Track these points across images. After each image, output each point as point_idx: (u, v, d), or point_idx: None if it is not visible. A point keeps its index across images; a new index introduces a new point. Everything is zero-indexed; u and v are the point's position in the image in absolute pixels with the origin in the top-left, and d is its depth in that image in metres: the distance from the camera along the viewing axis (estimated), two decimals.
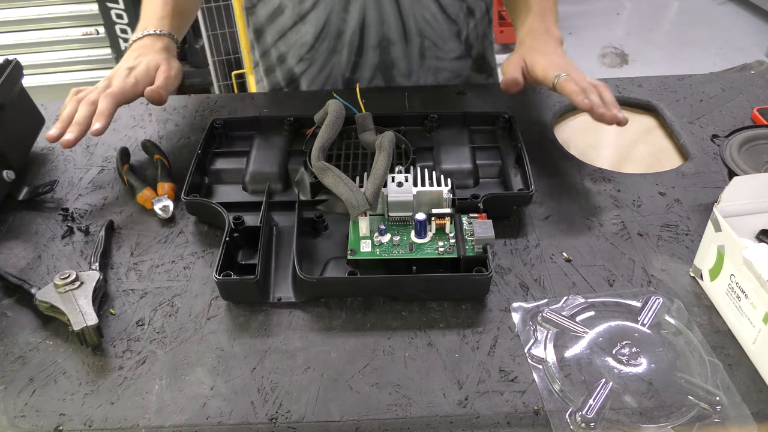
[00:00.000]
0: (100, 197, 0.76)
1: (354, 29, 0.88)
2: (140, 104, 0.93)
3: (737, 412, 0.51)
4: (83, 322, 0.57)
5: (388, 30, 0.89)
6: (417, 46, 0.91)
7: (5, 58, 0.79)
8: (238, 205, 0.71)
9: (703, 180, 0.75)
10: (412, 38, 0.90)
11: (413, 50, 0.92)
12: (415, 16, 0.88)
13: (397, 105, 0.90)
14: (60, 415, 0.53)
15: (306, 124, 0.82)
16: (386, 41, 0.90)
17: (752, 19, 3.22)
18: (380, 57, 0.92)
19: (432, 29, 0.91)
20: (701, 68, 2.73)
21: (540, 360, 0.56)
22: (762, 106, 0.86)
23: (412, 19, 0.88)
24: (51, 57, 2.20)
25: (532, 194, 0.69)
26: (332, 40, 0.90)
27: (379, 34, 0.89)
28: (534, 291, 0.62)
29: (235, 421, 0.52)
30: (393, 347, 0.57)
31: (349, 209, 0.63)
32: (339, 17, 0.87)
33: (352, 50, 0.91)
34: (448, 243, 0.63)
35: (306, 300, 0.62)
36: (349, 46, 0.90)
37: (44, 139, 0.86)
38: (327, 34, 0.89)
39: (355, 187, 0.64)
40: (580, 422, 0.51)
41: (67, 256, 0.68)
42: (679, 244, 0.67)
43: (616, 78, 0.96)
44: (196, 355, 0.57)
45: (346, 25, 0.88)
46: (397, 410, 0.52)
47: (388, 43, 0.90)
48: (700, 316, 0.59)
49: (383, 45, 0.90)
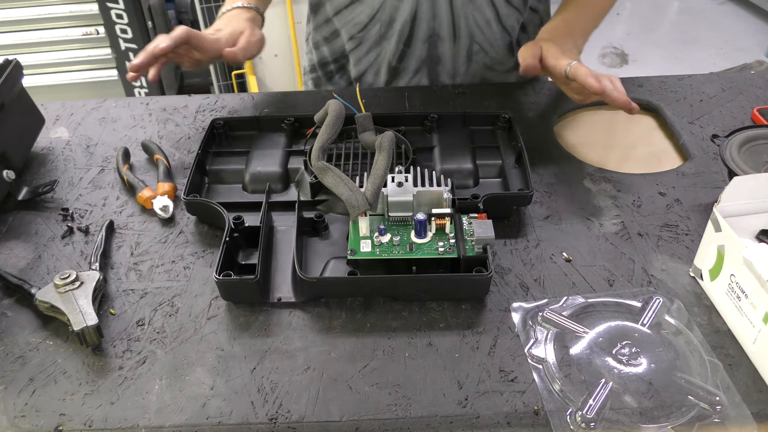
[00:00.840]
0: (100, 197, 0.76)
1: (406, 19, 0.89)
2: (140, 104, 0.93)
3: (737, 412, 0.51)
4: (83, 322, 0.57)
5: (438, 25, 0.90)
6: (465, 47, 0.92)
7: (5, 58, 0.79)
8: (238, 205, 0.71)
9: (703, 180, 0.75)
10: (461, 38, 0.91)
11: (461, 51, 0.93)
12: (466, 17, 0.89)
13: (397, 105, 0.90)
14: (60, 415, 0.53)
15: (306, 124, 0.82)
16: (435, 36, 0.91)
17: (752, 19, 3.22)
18: (428, 51, 0.93)
19: (483, 34, 0.92)
20: (701, 68, 2.73)
21: (540, 360, 0.56)
22: (762, 106, 0.86)
23: (462, 19, 0.89)
24: (51, 57, 2.19)
25: (532, 194, 0.69)
26: (384, 25, 0.91)
27: (430, 29, 0.90)
28: (534, 291, 0.62)
29: (235, 421, 0.52)
30: (393, 347, 0.57)
31: (349, 209, 0.63)
32: (393, 4, 0.89)
33: (401, 39, 0.91)
34: (448, 243, 0.63)
35: (306, 300, 0.62)
36: (399, 34, 0.91)
37: (44, 139, 0.86)
38: (379, 19, 0.91)
39: (355, 187, 0.64)
40: (580, 422, 0.51)
41: (67, 256, 0.68)
42: (679, 244, 0.67)
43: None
44: (196, 355, 0.57)
45: (398, 14, 0.89)
46: (397, 410, 0.52)
47: (437, 39, 0.91)
48: (700, 316, 0.59)
49: (432, 40, 0.91)
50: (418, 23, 0.89)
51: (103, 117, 0.91)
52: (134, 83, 2.27)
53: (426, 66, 0.95)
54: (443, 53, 0.93)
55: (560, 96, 0.88)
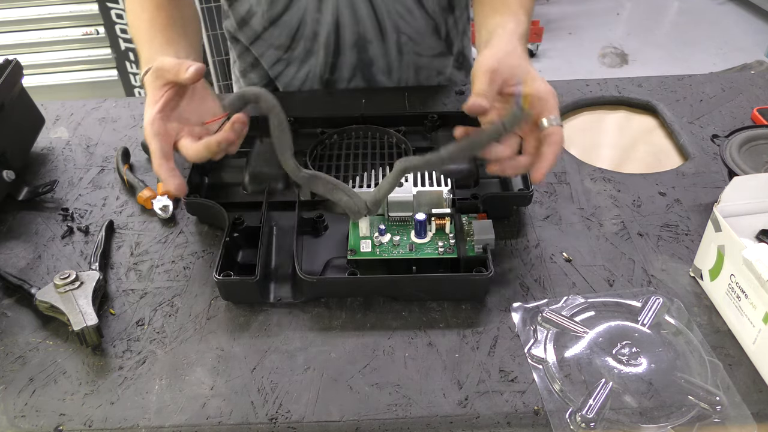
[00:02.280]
0: (100, 197, 0.76)
1: (329, 30, 0.86)
2: (140, 104, 0.93)
3: (737, 412, 0.51)
4: (83, 322, 0.57)
5: (363, 29, 0.87)
6: (394, 42, 0.90)
7: (5, 58, 0.79)
8: (238, 205, 0.71)
9: (703, 180, 0.75)
10: (388, 35, 0.89)
11: (390, 47, 0.91)
12: (389, 12, 0.86)
13: (397, 105, 0.90)
14: (60, 415, 0.53)
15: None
16: (363, 40, 0.88)
17: (752, 19, 3.22)
18: (358, 56, 0.90)
19: (408, 24, 0.89)
20: (701, 68, 2.73)
21: (540, 360, 0.56)
22: (762, 106, 0.86)
23: (386, 14, 0.86)
24: (51, 57, 2.20)
25: (532, 194, 0.69)
26: (308, 41, 0.89)
27: (355, 34, 0.87)
28: (534, 291, 0.62)
29: (235, 421, 0.52)
30: (393, 347, 0.57)
31: (350, 214, 0.63)
32: (313, 19, 0.86)
33: (328, 51, 0.89)
34: (448, 243, 0.63)
35: (306, 300, 0.62)
36: (325, 47, 0.89)
37: (44, 139, 0.86)
38: (302, 36, 0.88)
39: (352, 192, 0.61)
40: (580, 422, 0.51)
41: (67, 256, 0.68)
42: (679, 244, 0.67)
43: (616, 78, 0.95)
44: (196, 355, 0.57)
45: (320, 27, 0.86)
46: (397, 410, 0.52)
47: (365, 42, 0.89)
48: (700, 316, 0.59)
49: (360, 44, 0.89)
50: (342, 31, 0.87)
51: (103, 117, 0.91)
52: (134, 83, 2.27)
53: (359, 70, 0.92)
54: (374, 54, 0.91)
55: (560, 96, 0.88)
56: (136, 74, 2.25)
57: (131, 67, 2.23)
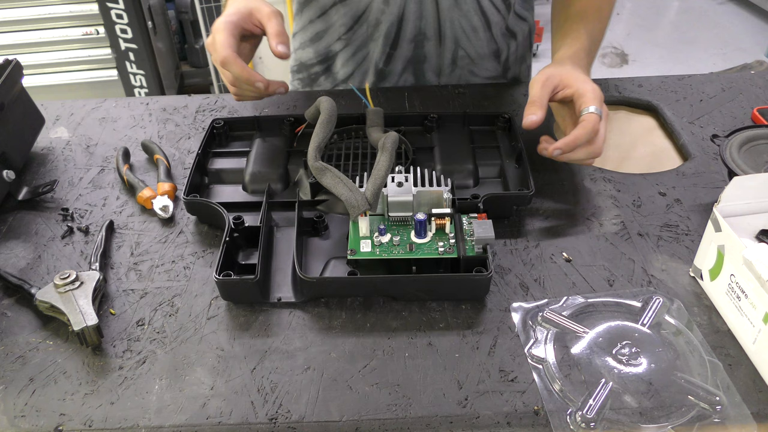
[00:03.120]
0: (100, 197, 0.76)
1: (392, 22, 0.89)
2: (140, 104, 0.93)
3: (737, 412, 0.51)
4: (83, 322, 0.57)
5: (425, 25, 0.89)
6: (450, 51, 0.92)
7: (5, 58, 0.79)
8: (238, 205, 0.71)
9: (703, 180, 0.75)
10: (446, 41, 0.91)
11: (446, 53, 0.92)
12: (452, 22, 0.88)
13: (397, 105, 0.90)
14: (60, 415, 0.53)
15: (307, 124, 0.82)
16: (422, 36, 0.90)
17: (752, 19, 3.22)
18: (414, 51, 0.92)
19: (469, 41, 0.91)
20: (701, 68, 2.74)
21: (540, 360, 0.56)
22: (762, 106, 0.86)
23: (448, 23, 0.89)
24: (51, 57, 2.20)
25: (531, 194, 0.69)
26: (370, 27, 0.91)
27: (416, 28, 0.89)
28: (534, 291, 0.62)
29: (235, 421, 0.52)
30: (393, 347, 0.57)
31: (349, 209, 0.63)
32: (379, 8, 0.88)
33: (387, 42, 0.91)
34: (448, 243, 0.63)
35: (306, 300, 0.62)
36: (385, 37, 0.91)
37: (44, 139, 0.86)
38: (365, 20, 0.90)
39: (354, 188, 0.64)
40: (580, 422, 0.51)
41: (67, 256, 0.68)
42: (679, 244, 0.67)
43: (616, 78, 0.96)
44: (196, 355, 0.57)
45: (383, 16, 0.89)
46: (397, 410, 0.52)
47: (423, 38, 0.91)
48: (700, 316, 0.59)
49: (418, 39, 0.91)
50: (405, 24, 0.89)
51: (103, 117, 0.91)
52: (134, 83, 2.27)
53: (411, 65, 0.94)
54: (429, 52, 0.92)
55: None
56: (136, 74, 2.25)
57: (131, 67, 2.24)
